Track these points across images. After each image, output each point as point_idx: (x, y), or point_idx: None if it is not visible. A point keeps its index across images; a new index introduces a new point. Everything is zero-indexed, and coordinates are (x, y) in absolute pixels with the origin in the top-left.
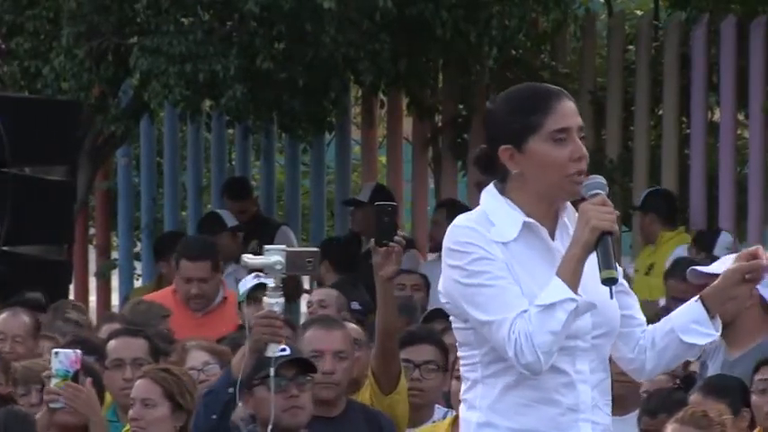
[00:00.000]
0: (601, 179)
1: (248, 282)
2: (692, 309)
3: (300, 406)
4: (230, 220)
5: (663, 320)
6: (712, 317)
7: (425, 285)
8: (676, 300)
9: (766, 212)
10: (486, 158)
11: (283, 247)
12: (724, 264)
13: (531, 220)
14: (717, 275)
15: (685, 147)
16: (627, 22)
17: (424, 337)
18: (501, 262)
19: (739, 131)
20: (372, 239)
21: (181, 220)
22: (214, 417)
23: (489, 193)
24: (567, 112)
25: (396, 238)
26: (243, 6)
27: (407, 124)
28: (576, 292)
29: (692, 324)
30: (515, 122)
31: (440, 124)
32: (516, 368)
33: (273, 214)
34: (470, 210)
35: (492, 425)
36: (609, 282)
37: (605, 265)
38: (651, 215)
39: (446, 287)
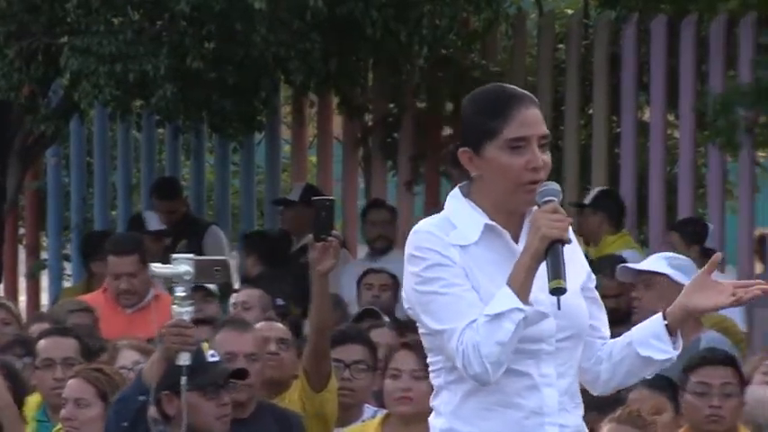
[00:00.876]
0: (554, 186)
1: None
2: (652, 323)
3: (227, 414)
4: (153, 224)
5: (624, 335)
6: (673, 334)
7: (394, 285)
8: (606, 297)
9: (696, 212)
10: (453, 156)
11: (191, 256)
12: (657, 261)
13: (493, 222)
14: (648, 272)
15: (615, 146)
16: (557, 21)
17: (353, 336)
18: (458, 268)
19: (669, 131)
20: (305, 237)
21: (111, 219)
22: (125, 424)
23: (453, 196)
24: (528, 120)
25: (333, 232)
26: (174, 6)
27: (337, 124)
28: (525, 300)
29: (650, 338)
30: (475, 126)
31: (370, 124)
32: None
33: (203, 214)
34: (396, 209)
35: (454, 431)
36: (556, 291)
37: (554, 274)
38: (601, 215)
39: (406, 293)
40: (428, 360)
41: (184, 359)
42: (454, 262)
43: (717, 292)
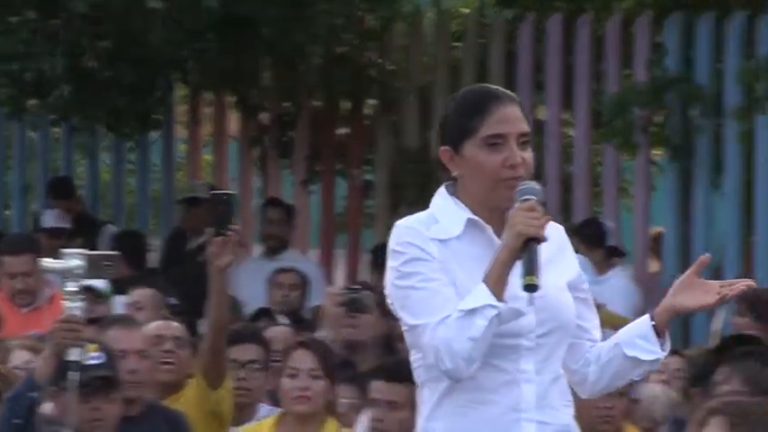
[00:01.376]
0: (533, 185)
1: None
2: (639, 324)
3: (101, 418)
4: (49, 221)
5: (612, 337)
6: (661, 335)
7: (303, 284)
8: None
9: (591, 211)
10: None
11: (82, 250)
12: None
13: (475, 217)
14: None
15: None
16: (453, 20)
17: (248, 336)
18: (436, 263)
19: (565, 130)
20: (203, 235)
21: (5, 219)
22: (17, 421)
23: (439, 194)
24: (505, 117)
25: (232, 227)
26: (71, 6)
27: (233, 122)
28: (500, 297)
29: (637, 339)
30: (455, 124)
31: (266, 122)
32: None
33: (99, 213)
34: (294, 207)
35: (430, 429)
36: (529, 288)
37: (527, 271)
38: None
39: (387, 288)
40: (410, 358)
41: (75, 355)
42: (433, 257)
43: (703, 291)
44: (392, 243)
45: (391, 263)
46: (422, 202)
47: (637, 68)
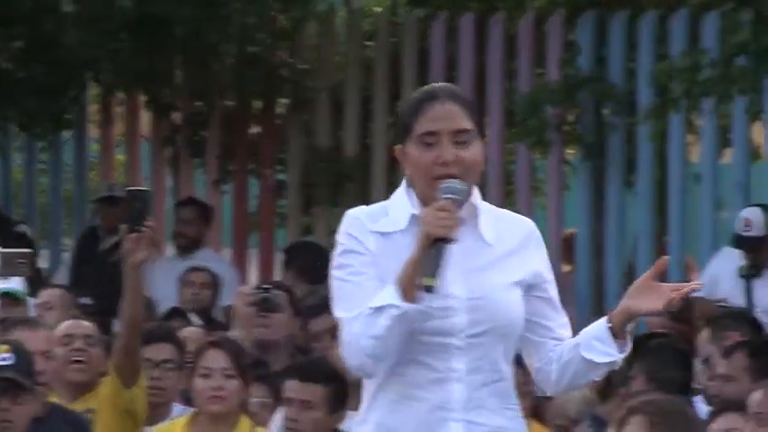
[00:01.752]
0: (455, 184)
1: None
2: (597, 326)
3: (10, 419)
4: None
5: (575, 337)
6: (619, 337)
7: (214, 283)
8: None
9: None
10: None
11: None
12: None
13: (419, 212)
14: None
15: None
16: (365, 18)
17: (162, 335)
18: (369, 256)
19: None
20: (117, 234)
21: None
22: None
23: (400, 187)
24: (438, 115)
25: (147, 223)
26: None
27: (145, 122)
28: (408, 296)
29: (593, 341)
30: (400, 124)
31: (178, 122)
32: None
33: (11, 213)
34: (208, 205)
35: (365, 421)
36: (427, 289)
37: (428, 272)
38: None
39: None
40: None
41: None
42: (367, 250)
43: (657, 295)
44: (338, 233)
45: (334, 252)
46: (334, 202)
47: (550, 67)
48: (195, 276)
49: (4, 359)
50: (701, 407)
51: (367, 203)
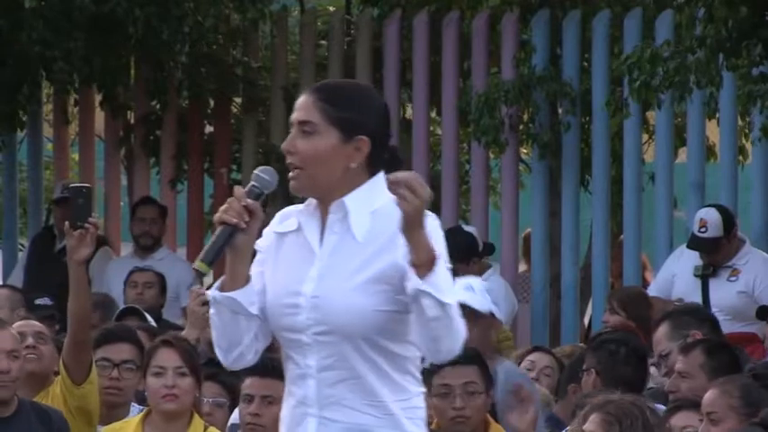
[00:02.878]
0: (263, 174)
1: None
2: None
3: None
4: None
5: None
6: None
7: (159, 283)
8: None
9: (459, 209)
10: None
11: None
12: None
13: (303, 214)
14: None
15: None
16: (319, 18)
17: (122, 335)
18: (263, 254)
19: (432, 128)
20: (67, 222)
21: None
22: None
23: None
24: (296, 107)
25: (90, 219)
26: None
27: (100, 121)
28: (228, 286)
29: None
30: None
31: (132, 121)
32: None
33: None
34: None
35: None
36: (197, 273)
37: (205, 257)
38: None
39: None
40: None
41: None
42: (263, 248)
43: None
44: None
45: None
46: (288, 202)
47: (504, 66)
48: (138, 276)
49: None
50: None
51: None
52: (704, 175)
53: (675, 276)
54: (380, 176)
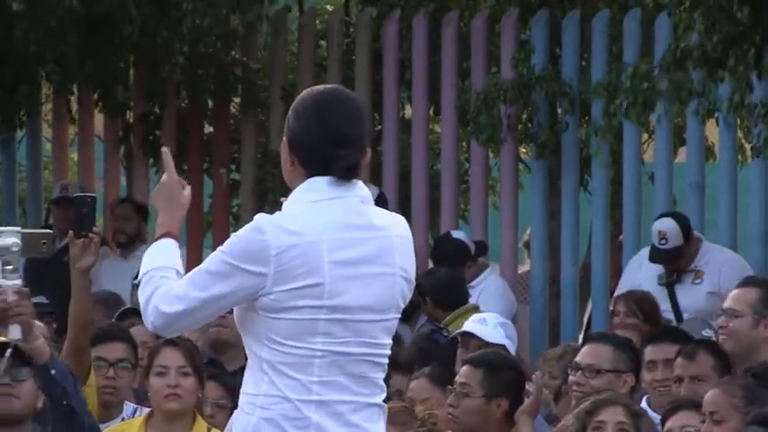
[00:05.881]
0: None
1: None
2: None
3: (15, 395)
4: None
5: None
6: None
7: None
8: None
9: (458, 209)
10: None
11: (18, 228)
12: (497, 330)
13: None
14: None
15: (378, 143)
16: (317, 18)
17: (116, 334)
18: None
19: (431, 127)
20: (71, 231)
21: None
22: None
23: None
24: None
25: (94, 229)
26: None
27: (99, 121)
28: None
29: None
30: None
31: (131, 121)
32: None
33: None
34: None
35: None
36: None
37: None
38: None
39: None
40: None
41: (14, 333)
42: None
43: None
44: None
45: None
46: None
47: (503, 66)
48: None
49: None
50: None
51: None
52: (704, 175)
53: (641, 286)
54: (309, 182)
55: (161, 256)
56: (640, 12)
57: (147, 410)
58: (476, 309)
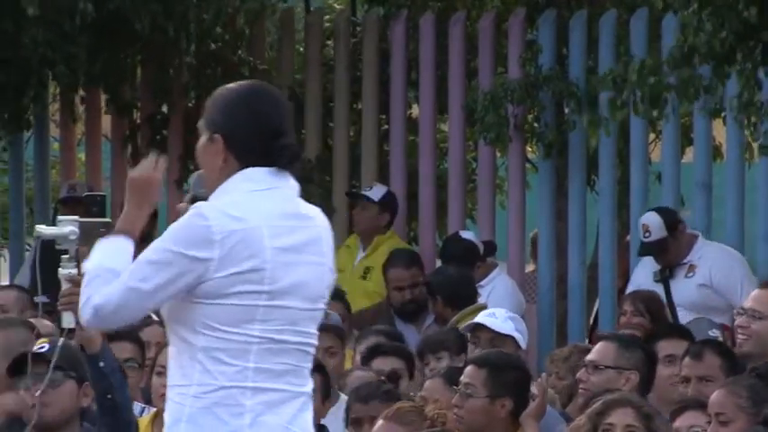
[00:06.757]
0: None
1: None
2: None
3: (47, 403)
4: None
5: None
6: None
7: None
8: (398, 290)
9: (465, 208)
10: None
11: (76, 217)
12: (506, 323)
13: None
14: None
15: (385, 143)
16: (324, 17)
17: (124, 334)
18: None
19: (438, 126)
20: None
21: None
22: None
23: None
24: None
25: (103, 230)
26: None
27: (106, 121)
28: None
29: None
30: None
31: (138, 121)
32: None
33: None
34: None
35: None
36: None
37: None
38: (386, 215)
39: None
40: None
41: (68, 320)
42: None
43: None
44: None
45: None
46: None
47: (510, 66)
48: None
49: (42, 347)
50: None
51: (329, 204)
52: (711, 174)
53: (641, 286)
54: (245, 172)
55: (115, 256)
56: (647, 12)
57: (154, 410)
58: (483, 308)
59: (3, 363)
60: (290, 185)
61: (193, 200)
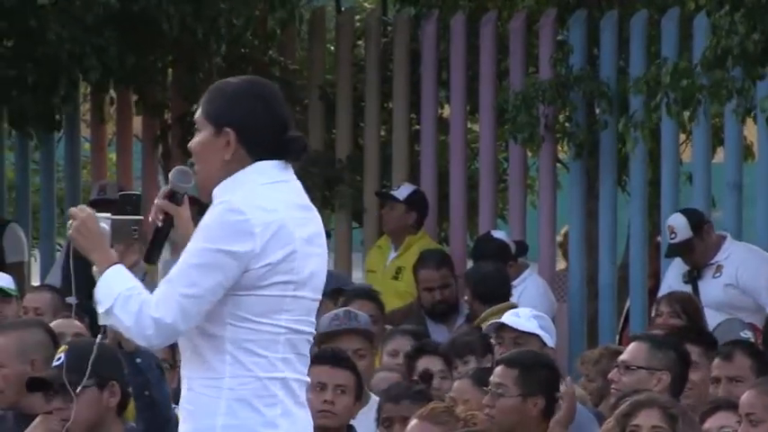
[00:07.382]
0: (174, 173)
1: None
2: None
3: (66, 418)
4: None
5: None
6: None
7: None
8: (428, 290)
9: (497, 208)
10: None
11: (108, 215)
12: (530, 321)
13: None
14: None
15: (416, 143)
16: (355, 17)
17: None
18: None
19: (469, 126)
20: None
21: None
22: None
23: None
24: None
25: (137, 228)
26: None
27: (137, 121)
28: None
29: None
30: None
31: (169, 121)
32: None
33: (3, 212)
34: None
35: None
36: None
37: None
38: (413, 214)
39: None
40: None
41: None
42: None
43: None
44: None
45: None
46: (327, 203)
47: (541, 66)
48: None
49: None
50: None
51: (359, 205)
52: (742, 174)
53: (671, 287)
54: (257, 165)
55: (120, 280)
56: (678, 12)
57: None
58: (513, 307)
59: (18, 363)
60: (295, 178)
61: (172, 194)
